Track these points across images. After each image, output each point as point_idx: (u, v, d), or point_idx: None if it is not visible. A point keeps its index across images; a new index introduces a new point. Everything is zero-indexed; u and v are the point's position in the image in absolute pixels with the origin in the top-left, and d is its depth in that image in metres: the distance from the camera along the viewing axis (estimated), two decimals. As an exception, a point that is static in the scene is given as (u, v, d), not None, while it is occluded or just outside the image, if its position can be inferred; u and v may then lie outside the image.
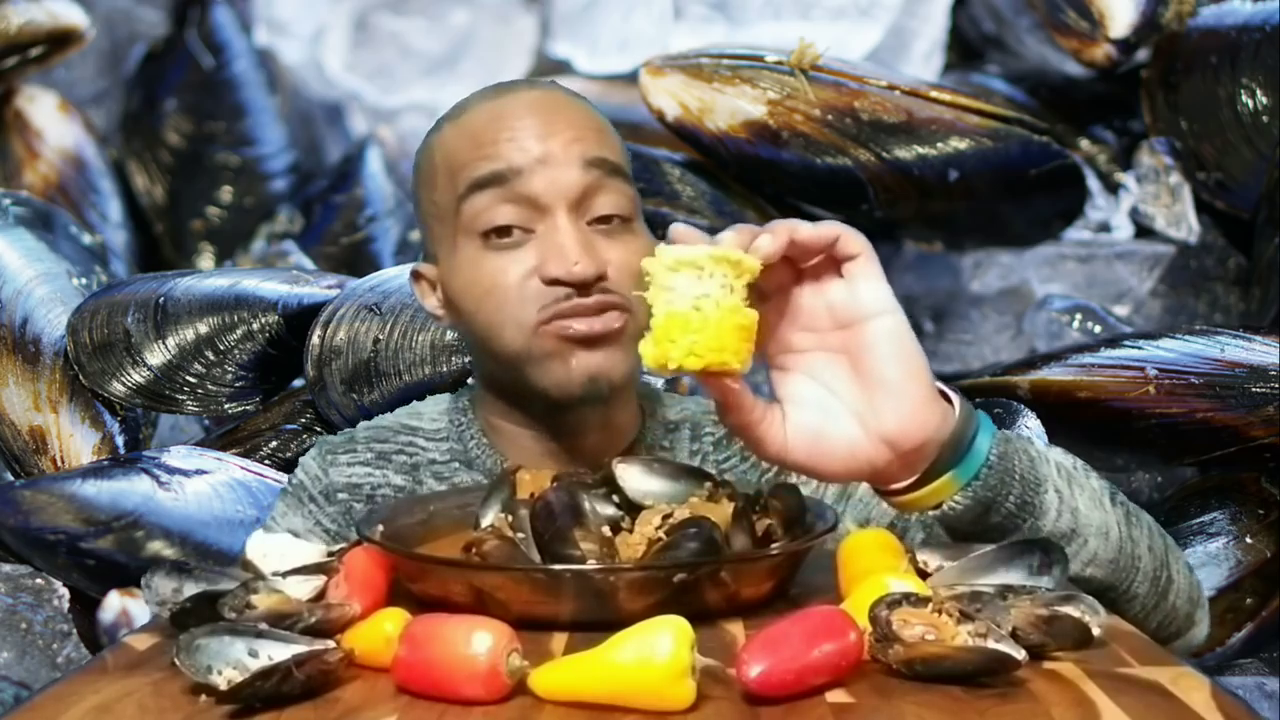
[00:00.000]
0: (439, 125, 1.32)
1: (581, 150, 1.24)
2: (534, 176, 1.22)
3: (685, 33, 2.67)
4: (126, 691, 0.92)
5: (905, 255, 2.47)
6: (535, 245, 1.23)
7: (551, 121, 1.25)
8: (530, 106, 1.26)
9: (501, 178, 1.23)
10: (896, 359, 0.99)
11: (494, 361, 1.28)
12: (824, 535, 1.10)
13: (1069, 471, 1.11)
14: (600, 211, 1.24)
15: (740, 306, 0.95)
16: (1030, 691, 0.89)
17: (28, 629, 1.79)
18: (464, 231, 1.25)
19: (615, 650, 0.88)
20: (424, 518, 1.20)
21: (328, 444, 1.40)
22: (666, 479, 1.14)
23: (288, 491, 1.40)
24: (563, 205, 1.22)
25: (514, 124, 1.24)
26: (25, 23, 2.51)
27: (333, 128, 3.16)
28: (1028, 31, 2.68)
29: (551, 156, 1.23)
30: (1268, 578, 1.94)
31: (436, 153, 1.29)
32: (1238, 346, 1.95)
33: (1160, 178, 2.31)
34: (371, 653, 0.95)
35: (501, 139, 1.24)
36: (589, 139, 1.25)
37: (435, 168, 1.29)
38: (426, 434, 1.38)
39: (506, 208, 1.23)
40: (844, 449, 1.01)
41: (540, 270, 1.21)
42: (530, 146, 1.23)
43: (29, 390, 1.96)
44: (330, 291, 1.99)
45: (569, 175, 1.23)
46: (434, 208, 1.29)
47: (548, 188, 1.22)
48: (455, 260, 1.26)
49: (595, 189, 1.24)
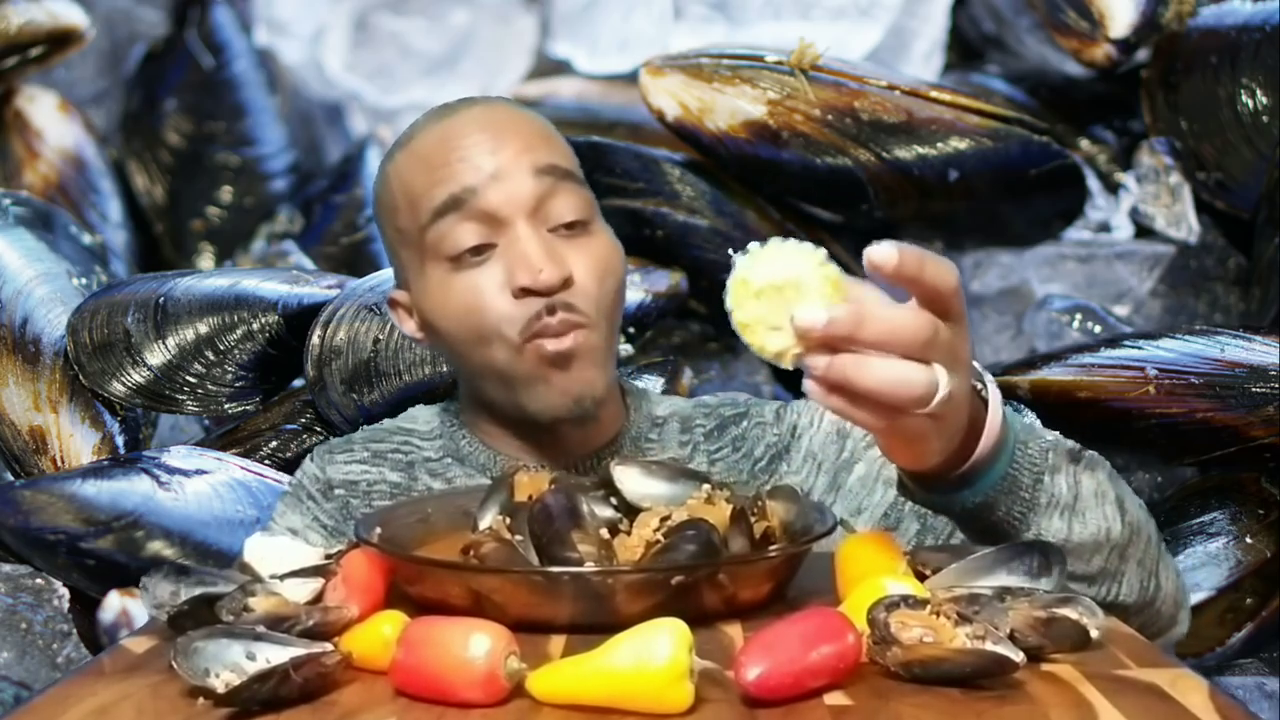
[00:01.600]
0: (391, 154, 1.34)
1: (532, 160, 1.26)
2: (489, 192, 1.24)
3: (685, 33, 2.67)
4: (124, 694, 0.92)
5: (905, 255, 2.46)
6: (500, 257, 1.25)
7: (499, 135, 1.27)
8: (475, 123, 1.28)
9: (459, 201, 1.24)
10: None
11: (479, 378, 1.30)
12: (822, 537, 1.10)
13: (1071, 501, 1.11)
14: (559, 218, 1.26)
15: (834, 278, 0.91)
16: (1028, 694, 0.89)
17: (28, 629, 1.79)
18: (431, 256, 1.27)
19: (613, 653, 0.88)
20: (422, 520, 1.20)
21: (326, 446, 1.44)
22: (664, 481, 1.15)
23: (287, 493, 1.43)
24: (521, 215, 1.24)
25: (462, 143, 1.26)
26: (25, 23, 2.51)
27: (333, 128, 3.16)
28: (1028, 31, 2.67)
29: (503, 170, 1.25)
30: (1268, 578, 1.94)
31: (393, 181, 1.31)
32: (1238, 346, 1.95)
33: (1160, 178, 2.31)
34: (369, 655, 0.95)
35: (452, 160, 1.26)
36: (538, 147, 1.27)
37: (394, 196, 1.30)
38: (420, 435, 1.42)
39: (469, 227, 1.25)
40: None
41: (509, 282, 1.23)
42: (481, 163, 1.25)
43: (29, 390, 1.96)
44: (330, 291, 1.99)
45: (523, 185, 1.25)
46: (399, 235, 1.31)
47: (504, 201, 1.24)
48: (426, 284, 1.29)
49: (550, 195, 1.26)
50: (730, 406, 1.44)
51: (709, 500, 1.11)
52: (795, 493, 1.16)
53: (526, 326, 1.23)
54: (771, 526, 1.13)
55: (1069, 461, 1.10)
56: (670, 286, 2.17)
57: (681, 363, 2.04)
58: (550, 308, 1.23)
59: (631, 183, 2.18)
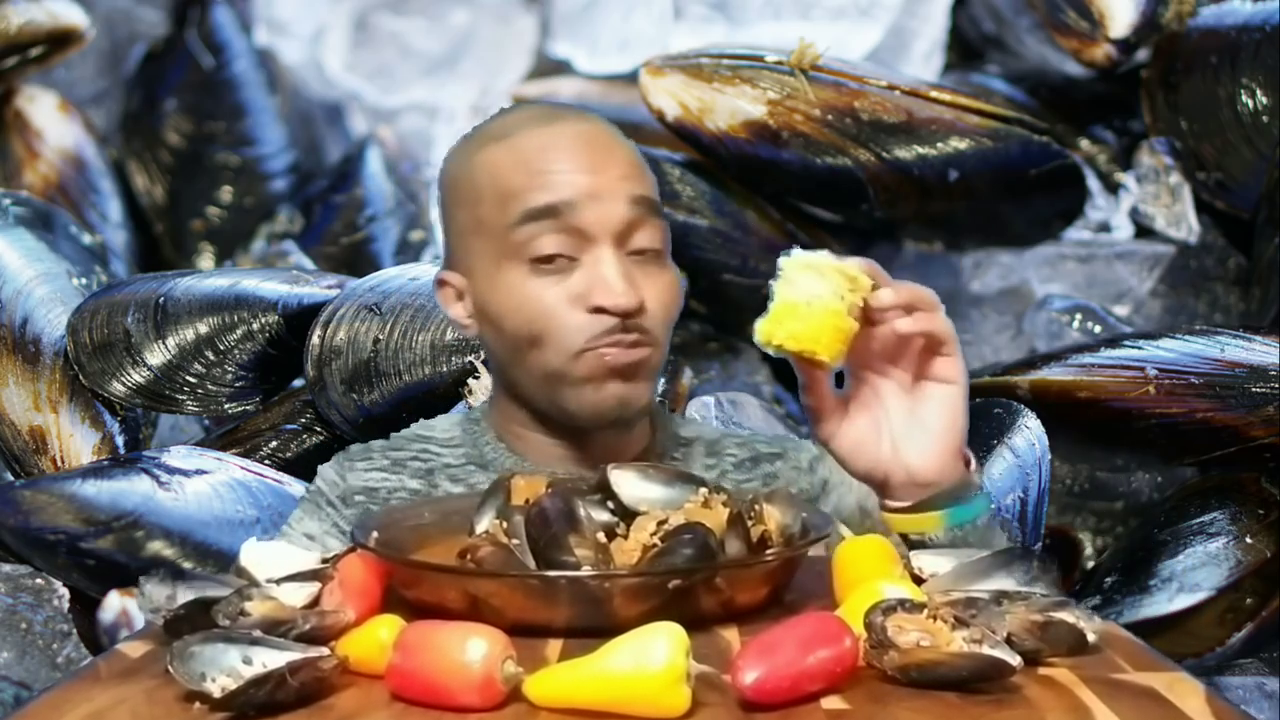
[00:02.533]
0: (481, 143, 1.34)
1: (629, 188, 1.29)
2: (585, 210, 1.27)
3: (685, 33, 2.67)
4: (120, 699, 0.92)
5: (905, 255, 2.46)
6: (581, 274, 1.27)
7: (603, 156, 1.30)
8: (581, 138, 1.31)
9: (555, 210, 1.27)
10: (943, 416, 1.21)
11: (526, 375, 1.31)
12: (818, 541, 1.10)
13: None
14: (639, 245, 1.29)
15: (843, 313, 1.14)
16: (1025, 697, 0.89)
17: (28, 629, 1.80)
18: (511, 254, 1.28)
19: (610, 657, 0.88)
20: (418, 524, 1.20)
21: (345, 454, 1.43)
22: (661, 485, 1.15)
23: (305, 498, 1.43)
24: (608, 238, 1.27)
25: (566, 155, 1.29)
26: (25, 23, 2.51)
27: (333, 128, 3.16)
28: (1028, 31, 2.67)
29: (602, 191, 1.28)
30: (1268, 578, 1.94)
31: (481, 172, 1.32)
32: (1238, 346, 1.95)
33: (1160, 178, 2.31)
34: (366, 660, 0.95)
35: (555, 169, 1.28)
36: (635, 177, 1.31)
37: (480, 187, 1.31)
38: (440, 442, 1.42)
39: (557, 238, 1.27)
40: (872, 457, 1.22)
41: (586, 299, 1.26)
42: (582, 180, 1.28)
43: (29, 390, 1.96)
44: (330, 291, 1.99)
45: (617, 210, 1.28)
46: (476, 223, 1.32)
47: (597, 221, 1.27)
48: (499, 280, 1.29)
49: (637, 224, 1.29)
50: (766, 443, 1.46)
51: (706, 504, 1.11)
52: (792, 497, 1.16)
53: (595, 338, 1.26)
54: (768, 530, 1.13)
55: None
56: (670, 286, 2.17)
57: (682, 363, 2.04)
58: (624, 326, 1.27)
59: (631, 182, 2.18)
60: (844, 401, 1.23)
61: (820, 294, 1.14)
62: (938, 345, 1.21)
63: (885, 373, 1.22)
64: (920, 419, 1.21)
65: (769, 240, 2.23)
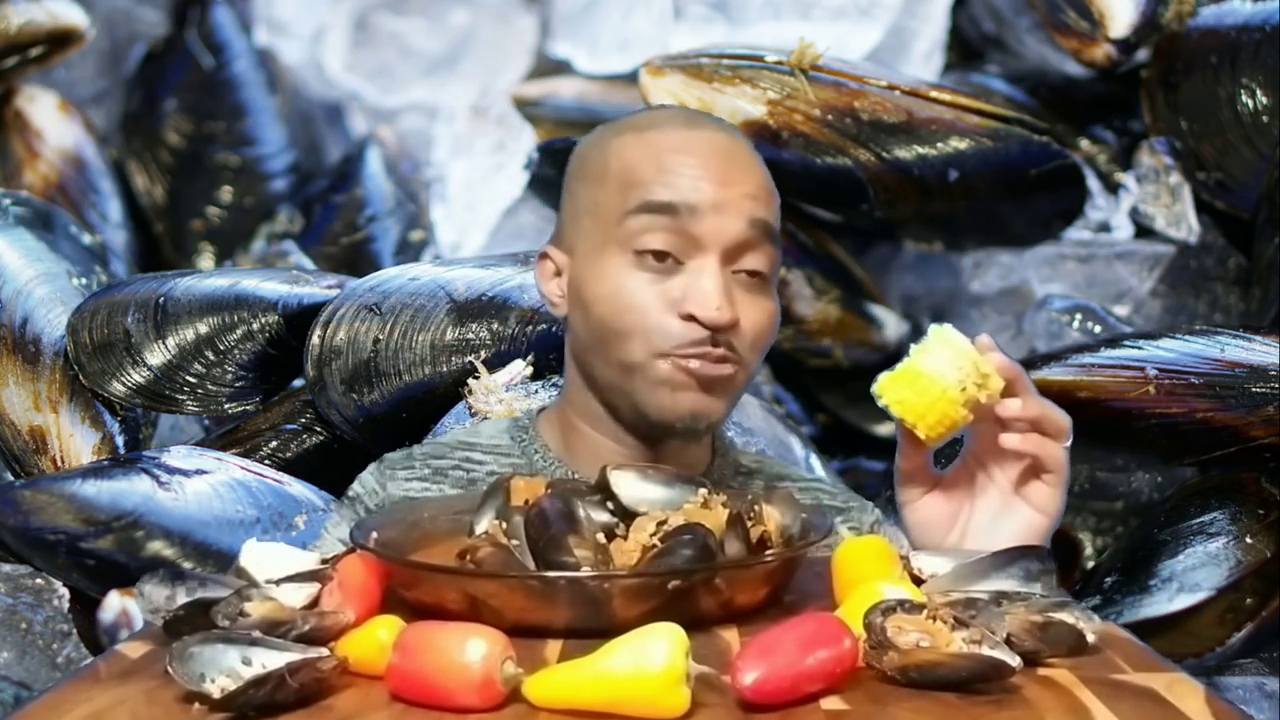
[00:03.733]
0: (620, 130, 1.34)
1: (752, 208, 1.29)
2: (704, 218, 1.26)
3: (685, 33, 2.67)
4: (119, 700, 0.92)
5: (905, 255, 2.47)
6: (681, 279, 1.27)
7: (735, 171, 1.30)
8: (718, 149, 1.31)
9: (674, 209, 1.26)
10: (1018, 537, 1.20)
11: (605, 365, 1.30)
12: (818, 542, 1.10)
13: None
14: (747, 266, 1.29)
15: (959, 403, 1.16)
16: (1025, 698, 0.90)
17: (28, 629, 1.79)
18: (619, 241, 1.28)
19: (610, 657, 0.89)
20: (418, 525, 1.20)
21: (387, 461, 1.43)
22: (661, 486, 1.15)
23: (343, 504, 1.43)
24: (718, 250, 1.27)
25: (699, 161, 1.29)
26: (25, 23, 2.51)
27: (333, 128, 3.16)
28: (1028, 31, 2.67)
29: (725, 204, 1.27)
30: (1268, 578, 1.94)
31: (613, 156, 1.32)
32: (1238, 346, 1.95)
33: (1160, 178, 2.31)
34: (365, 660, 0.95)
35: (685, 172, 1.28)
36: (760, 199, 1.30)
37: (608, 169, 1.31)
38: (484, 448, 1.41)
39: (668, 235, 1.27)
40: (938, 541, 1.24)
41: (681, 305, 1.26)
42: (707, 189, 1.27)
43: (29, 390, 1.96)
44: (330, 291, 1.99)
45: (735, 226, 1.27)
46: (593, 205, 1.32)
47: (711, 231, 1.27)
48: (601, 265, 1.29)
49: (750, 245, 1.29)
50: (829, 495, 1.46)
51: (705, 505, 1.11)
52: (792, 497, 1.16)
53: (681, 345, 1.26)
54: (768, 531, 1.13)
55: None
56: (670, 287, 2.17)
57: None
58: (713, 340, 1.26)
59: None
60: (937, 479, 1.25)
61: (946, 376, 1.15)
62: (1044, 471, 1.21)
63: (989, 471, 1.23)
64: (999, 529, 1.22)
65: (769, 240, 2.23)
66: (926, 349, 1.16)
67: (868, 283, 2.36)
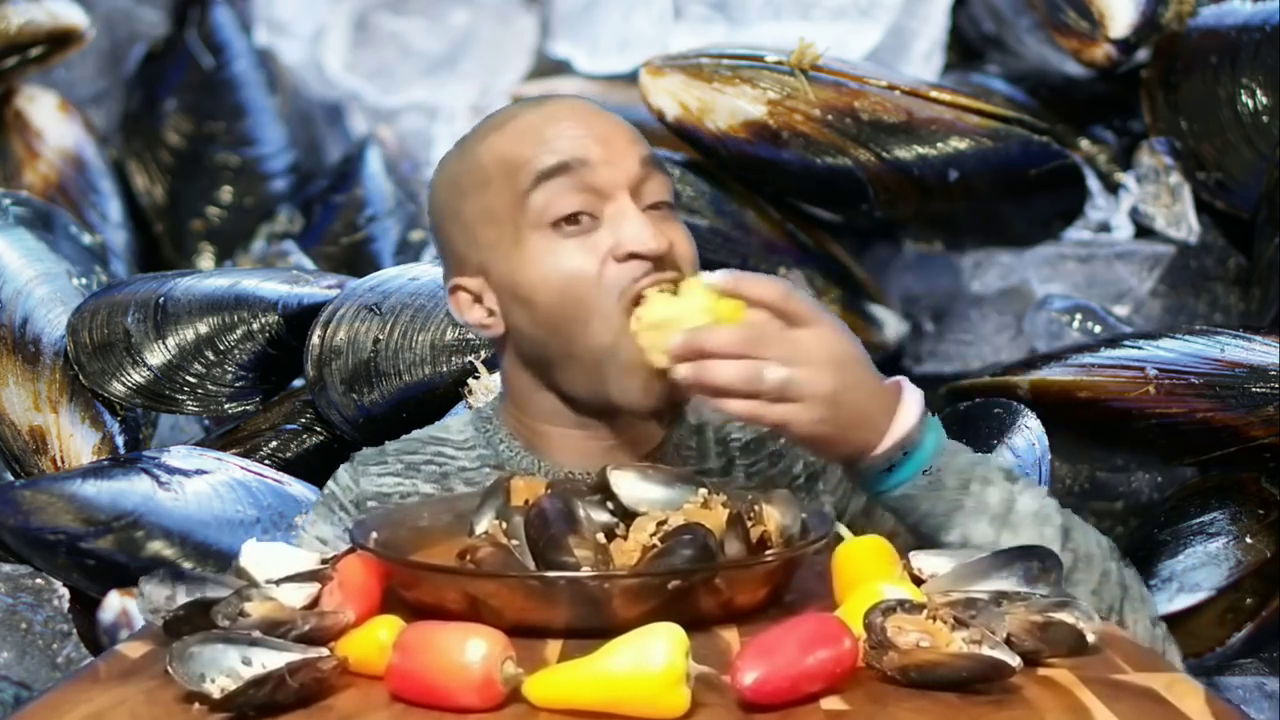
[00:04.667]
0: (479, 137, 1.36)
1: (638, 149, 1.33)
2: (598, 168, 1.29)
3: (685, 33, 2.66)
4: (119, 700, 0.92)
5: (905, 255, 2.46)
6: (605, 229, 1.29)
7: (605, 123, 1.34)
8: (581, 110, 1.35)
9: (568, 167, 1.28)
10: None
11: (568, 359, 1.30)
12: (818, 542, 1.10)
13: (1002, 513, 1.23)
14: (653, 199, 1.32)
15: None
16: (1025, 698, 0.90)
17: (28, 629, 1.79)
18: (531, 225, 1.29)
19: (610, 657, 0.89)
20: (418, 525, 1.20)
21: (359, 457, 1.44)
22: (661, 486, 1.15)
23: (320, 502, 1.44)
24: (625, 190, 1.29)
25: (572, 123, 1.32)
26: (25, 23, 2.51)
27: (333, 128, 3.16)
28: (1028, 31, 2.67)
29: (612, 150, 1.31)
30: (1268, 578, 1.94)
31: (484, 157, 1.33)
32: (1238, 346, 1.94)
33: (1160, 178, 2.30)
34: (365, 660, 0.95)
35: (563, 133, 1.31)
36: (638, 139, 1.35)
37: (486, 173, 1.32)
38: (455, 444, 1.41)
39: (575, 195, 1.29)
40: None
41: (616, 249, 1.27)
42: (591, 143, 1.30)
43: (29, 390, 1.96)
44: (330, 291, 1.99)
45: (630, 165, 1.31)
46: (486, 211, 1.32)
47: (612, 175, 1.29)
48: (523, 254, 1.29)
49: (648, 178, 1.32)
50: (774, 439, 1.45)
51: (705, 505, 1.11)
52: (792, 497, 1.16)
53: (630, 287, 1.27)
54: (768, 531, 1.13)
55: (1004, 479, 1.24)
56: (670, 286, 2.17)
57: (681, 363, 2.04)
58: (658, 267, 1.28)
59: (631, 183, 2.18)
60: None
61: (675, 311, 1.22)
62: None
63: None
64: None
65: (769, 240, 2.23)
66: (654, 302, 1.23)
67: (868, 283, 2.36)
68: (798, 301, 1.18)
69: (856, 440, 1.18)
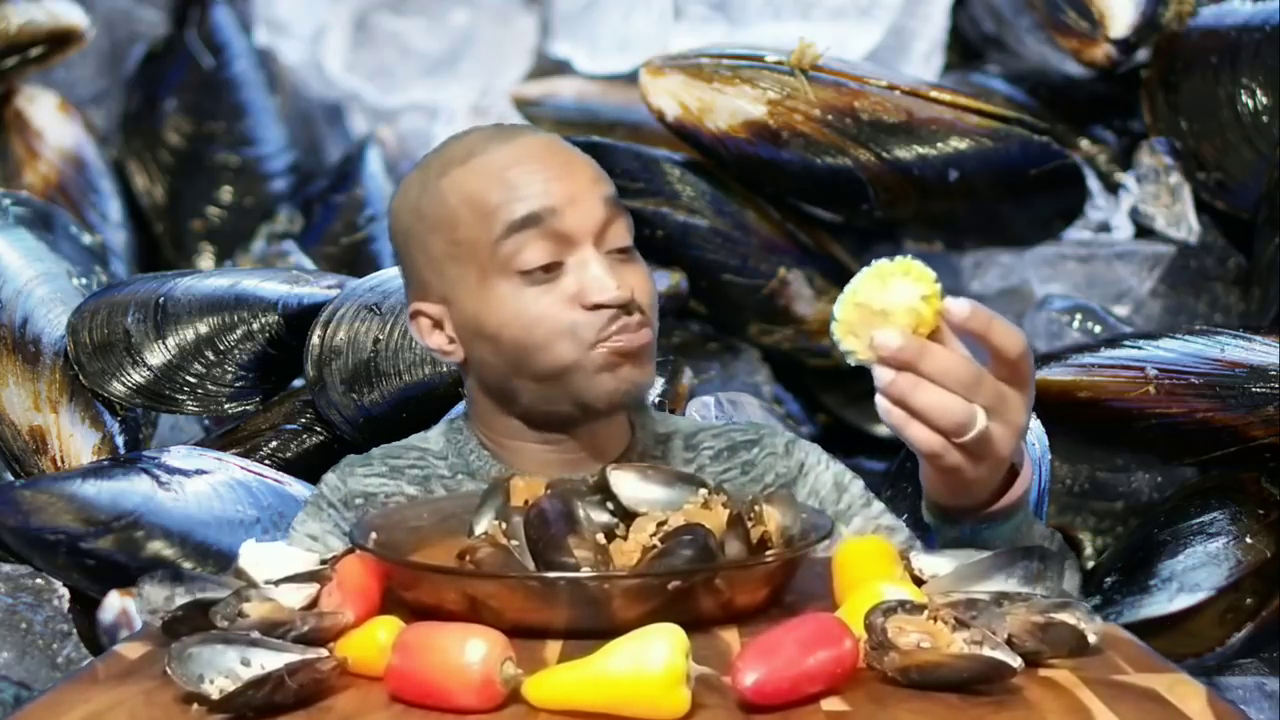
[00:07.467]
0: (441, 170, 1.36)
1: (600, 189, 1.34)
2: (565, 214, 1.30)
3: (685, 33, 2.67)
4: (118, 701, 0.92)
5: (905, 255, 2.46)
6: (570, 277, 1.31)
7: (569, 164, 1.34)
8: (546, 149, 1.35)
9: (538, 218, 1.30)
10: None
11: (532, 380, 1.32)
12: (819, 542, 1.10)
13: None
14: (614, 244, 1.33)
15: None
16: (1026, 699, 0.89)
17: (28, 629, 1.79)
18: (498, 270, 1.31)
19: (610, 658, 0.89)
20: (417, 525, 1.20)
21: (346, 461, 1.46)
22: (661, 486, 1.15)
23: (309, 501, 1.45)
24: (589, 239, 1.31)
25: (537, 167, 1.32)
26: (25, 23, 2.51)
27: (333, 128, 3.16)
28: (1028, 31, 2.67)
29: (577, 194, 1.32)
30: (1268, 578, 1.94)
31: (452, 195, 1.33)
32: (1238, 346, 1.94)
33: (1160, 178, 2.31)
34: (365, 661, 0.95)
35: (531, 179, 1.31)
36: (601, 179, 1.35)
37: (454, 210, 1.33)
38: (433, 454, 1.44)
39: (543, 245, 1.30)
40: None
41: (582, 298, 1.29)
42: (557, 188, 1.31)
43: (29, 390, 1.96)
44: (330, 291, 1.99)
45: (594, 211, 1.32)
46: (453, 248, 1.33)
47: (577, 224, 1.31)
48: (489, 297, 1.31)
49: (610, 222, 1.33)
50: (741, 431, 1.48)
51: (705, 505, 1.11)
52: (792, 498, 1.16)
53: (603, 328, 1.29)
54: (768, 531, 1.13)
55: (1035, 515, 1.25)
56: (670, 286, 2.18)
57: (681, 363, 2.04)
58: (625, 312, 1.30)
59: (632, 183, 2.18)
60: None
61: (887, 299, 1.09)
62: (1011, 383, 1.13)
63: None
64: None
65: (769, 240, 2.24)
66: (868, 278, 1.09)
67: (868, 283, 2.36)
68: (1029, 363, 1.11)
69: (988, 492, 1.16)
